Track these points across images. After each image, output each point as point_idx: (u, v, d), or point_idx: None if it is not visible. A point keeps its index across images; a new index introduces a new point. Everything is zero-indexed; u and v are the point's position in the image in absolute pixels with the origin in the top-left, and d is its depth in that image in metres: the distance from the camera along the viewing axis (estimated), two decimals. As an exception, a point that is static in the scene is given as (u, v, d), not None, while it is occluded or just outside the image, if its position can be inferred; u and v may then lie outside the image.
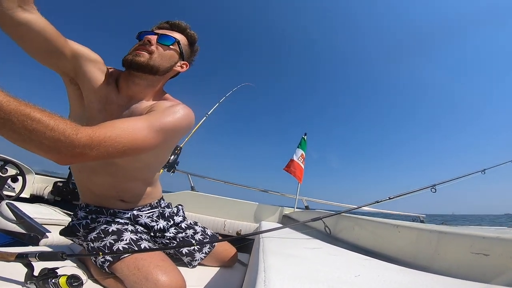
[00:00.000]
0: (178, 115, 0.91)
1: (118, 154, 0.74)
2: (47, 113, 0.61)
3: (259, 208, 2.72)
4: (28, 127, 0.58)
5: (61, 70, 0.90)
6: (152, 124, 0.83)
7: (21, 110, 0.57)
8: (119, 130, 0.73)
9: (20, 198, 2.57)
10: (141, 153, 0.85)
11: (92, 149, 0.67)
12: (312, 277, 0.38)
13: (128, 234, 0.96)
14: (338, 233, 1.14)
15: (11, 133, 0.58)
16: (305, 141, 3.61)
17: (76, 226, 1.00)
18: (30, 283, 0.70)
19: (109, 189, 1.04)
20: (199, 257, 1.20)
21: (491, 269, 0.45)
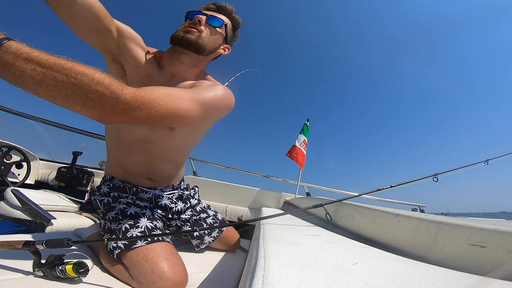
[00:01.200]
0: (219, 94, 0.92)
1: (158, 119, 0.74)
2: (91, 67, 0.61)
3: (260, 194, 2.74)
4: (72, 81, 0.56)
5: (106, 48, 0.91)
6: (195, 96, 0.83)
7: (63, 63, 0.56)
8: (163, 95, 0.74)
9: (25, 185, 2.60)
10: (180, 124, 0.86)
11: (135, 109, 0.67)
12: (311, 264, 0.39)
13: (144, 221, 0.96)
14: (339, 220, 1.15)
15: (53, 89, 0.55)
16: (307, 127, 3.60)
17: (98, 202, 1.03)
18: (38, 271, 0.72)
19: (141, 167, 1.07)
20: (208, 240, 1.26)
21: (487, 262, 0.46)
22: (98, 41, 0.88)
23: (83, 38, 0.86)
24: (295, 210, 1.30)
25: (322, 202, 1.08)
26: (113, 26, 0.87)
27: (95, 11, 0.79)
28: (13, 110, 2.69)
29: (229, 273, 1.14)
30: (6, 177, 2.39)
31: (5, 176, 2.40)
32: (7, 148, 2.44)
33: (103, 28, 0.85)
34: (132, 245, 0.87)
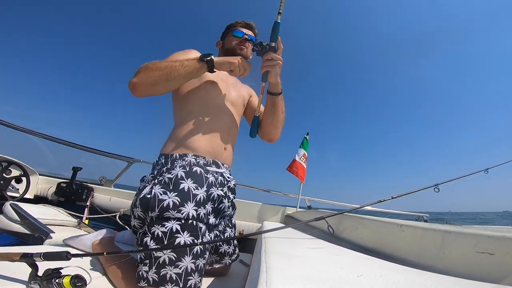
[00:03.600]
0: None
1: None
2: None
3: (261, 208, 2.71)
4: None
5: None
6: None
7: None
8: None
9: (24, 199, 2.58)
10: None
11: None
12: (314, 277, 0.38)
13: (188, 261, 0.88)
14: (341, 232, 1.14)
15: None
16: (307, 141, 3.61)
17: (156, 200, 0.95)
18: (34, 283, 0.71)
19: (225, 129, 1.18)
20: (226, 261, 1.18)
21: (496, 269, 0.45)
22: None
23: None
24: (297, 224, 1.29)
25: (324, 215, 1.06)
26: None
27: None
28: (14, 125, 2.71)
29: (230, 288, 1.12)
30: (5, 192, 2.39)
31: (5, 190, 2.39)
32: (7, 163, 2.44)
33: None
34: (161, 284, 0.83)
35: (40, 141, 3.06)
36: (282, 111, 1.27)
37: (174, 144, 1.11)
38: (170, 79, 1.01)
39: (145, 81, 1.02)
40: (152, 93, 1.06)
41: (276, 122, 1.28)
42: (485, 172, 1.59)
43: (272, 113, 1.26)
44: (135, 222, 0.99)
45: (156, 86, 1.04)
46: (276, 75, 1.12)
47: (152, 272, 0.84)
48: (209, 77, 1.20)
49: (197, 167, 1.04)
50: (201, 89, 1.18)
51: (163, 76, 1.01)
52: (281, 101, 1.24)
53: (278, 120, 1.28)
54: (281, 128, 1.33)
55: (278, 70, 1.11)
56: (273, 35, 1.04)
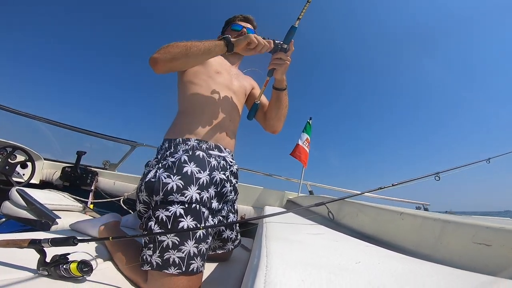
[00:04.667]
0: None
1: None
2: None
3: (263, 193, 2.73)
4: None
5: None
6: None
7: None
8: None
9: (30, 184, 2.62)
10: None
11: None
12: (314, 263, 0.38)
13: (191, 245, 0.89)
14: (342, 218, 1.15)
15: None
16: (310, 125, 3.59)
17: (161, 185, 0.96)
18: (42, 270, 0.73)
19: (227, 116, 1.22)
20: (229, 247, 1.21)
21: (492, 260, 0.45)
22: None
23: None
24: (297, 209, 1.30)
25: (324, 200, 1.07)
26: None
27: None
28: (18, 110, 2.71)
29: (231, 272, 1.14)
30: (11, 177, 2.42)
31: (10, 176, 2.42)
32: (12, 148, 2.46)
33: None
34: (165, 268, 0.84)
35: (44, 126, 3.06)
36: (286, 105, 1.35)
37: (177, 129, 1.15)
38: (189, 54, 1.07)
39: (165, 56, 1.08)
40: (171, 67, 1.12)
41: (280, 115, 1.36)
42: (487, 162, 1.57)
43: (277, 107, 1.33)
44: (140, 207, 1.01)
45: (175, 61, 1.09)
46: (282, 73, 1.19)
47: (155, 256, 0.86)
48: (213, 66, 1.27)
49: (200, 151, 1.07)
50: (205, 77, 1.23)
51: (183, 51, 1.07)
52: (285, 96, 1.32)
53: (282, 114, 1.36)
54: (283, 120, 1.41)
55: (285, 69, 1.17)
56: (287, 37, 1.09)
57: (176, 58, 1.07)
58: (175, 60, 1.08)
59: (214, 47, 1.08)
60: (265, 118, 1.42)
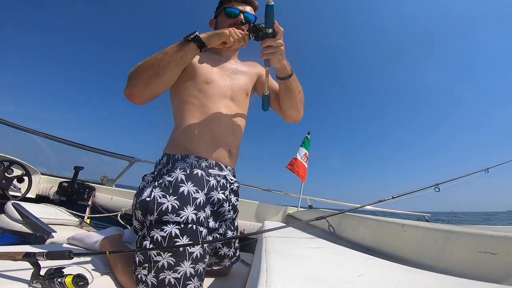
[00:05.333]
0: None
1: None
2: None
3: (263, 208, 2.71)
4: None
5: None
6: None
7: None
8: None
9: (26, 198, 2.59)
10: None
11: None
12: (314, 277, 0.38)
13: (186, 266, 0.86)
14: (342, 232, 1.13)
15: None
16: (308, 140, 3.60)
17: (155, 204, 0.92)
18: (36, 282, 0.71)
19: (228, 131, 1.12)
20: (225, 263, 1.16)
21: (498, 269, 0.44)
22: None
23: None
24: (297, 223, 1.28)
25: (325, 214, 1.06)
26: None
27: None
28: (16, 124, 2.72)
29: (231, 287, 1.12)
30: (7, 191, 2.39)
31: (7, 190, 2.39)
32: (9, 163, 2.45)
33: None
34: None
35: (42, 140, 3.06)
36: (298, 91, 1.18)
37: (177, 144, 1.09)
38: (161, 72, 0.96)
39: (137, 85, 0.98)
40: (150, 94, 1.02)
41: (296, 103, 1.20)
42: (485, 172, 1.58)
43: (289, 97, 1.17)
44: (135, 223, 0.99)
45: (151, 86, 0.98)
46: (279, 61, 1.02)
47: (151, 276, 0.83)
48: (202, 75, 1.12)
49: (199, 169, 1.01)
50: (195, 91, 1.11)
51: (153, 72, 0.96)
52: (294, 83, 1.14)
53: (297, 102, 1.19)
54: (302, 107, 1.24)
55: (280, 56, 1.00)
56: (267, 20, 0.91)
57: (149, 83, 0.97)
58: (149, 86, 0.97)
59: (184, 54, 0.96)
60: (280, 108, 1.25)
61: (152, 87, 0.99)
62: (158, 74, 0.96)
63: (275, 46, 0.96)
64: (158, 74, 0.96)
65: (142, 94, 1.00)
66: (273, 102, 1.27)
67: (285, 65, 1.06)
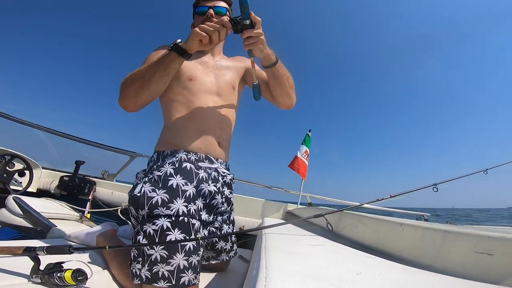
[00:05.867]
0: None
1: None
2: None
3: (262, 204, 2.72)
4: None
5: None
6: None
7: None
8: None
9: (27, 193, 2.60)
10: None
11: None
12: (314, 274, 0.38)
13: (179, 258, 0.86)
14: (341, 230, 1.14)
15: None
16: (309, 138, 3.60)
17: (145, 198, 0.93)
18: (35, 277, 0.72)
19: (216, 124, 1.14)
20: (223, 258, 1.17)
21: (495, 269, 0.45)
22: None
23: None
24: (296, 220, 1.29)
25: (323, 212, 1.07)
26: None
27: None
28: (18, 118, 2.72)
29: (230, 284, 1.12)
30: (8, 185, 2.40)
31: (8, 183, 2.40)
32: (10, 156, 2.45)
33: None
34: (154, 281, 0.83)
35: (43, 134, 3.07)
36: (286, 78, 1.19)
37: (165, 141, 1.11)
38: (146, 85, 1.00)
39: (128, 97, 1.03)
40: (141, 104, 1.05)
41: (286, 90, 1.21)
42: (484, 172, 1.59)
43: (278, 84, 1.19)
44: (132, 220, 1.01)
45: (140, 98, 1.02)
46: (261, 51, 1.03)
47: (144, 269, 0.85)
48: (185, 73, 1.14)
49: (188, 163, 1.03)
50: (179, 89, 1.14)
51: (139, 85, 1.00)
52: (281, 70, 1.15)
53: (287, 88, 1.21)
54: (293, 93, 1.26)
55: (261, 45, 1.01)
56: (243, 12, 0.92)
57: (137, 95, 1.01)
58: (138, 98, 1.02)
59: (167, 65, 0.98)
60: (272, 97, 1.28)
61: (141, 99, 1.03)
62: (144, 87, 1.00)
63: (255, 36, 0.98)
64: (144, 87, 1.00)
65: (133, 105, 1.04)
66: (264, 91, 1.29)
67: (268, 53, 1.07)
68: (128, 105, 1.04)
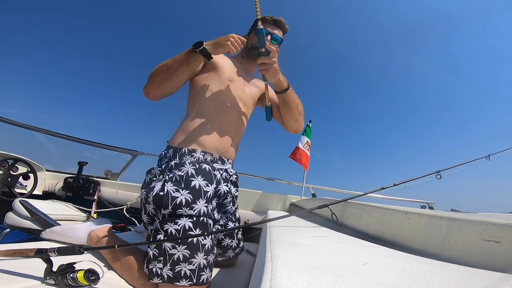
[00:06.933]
0: None
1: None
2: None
3: (266, 197, 2.73)
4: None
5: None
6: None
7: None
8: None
9: (33, 195, 2.62)
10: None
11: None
12: (319, 265, 0.38)
13: (200, 258, 0.90)
14: (345, 220, 1.14)
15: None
16: (310, 128, 3.59)
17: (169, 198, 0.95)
18: (49, 279, 0.73)
19: (233, 125, 1.21)
20: (229, 254, 1.20)
21: (502, 257, 0.45)
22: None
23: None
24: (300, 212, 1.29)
25: (327, 202, 1.07)
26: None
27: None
28: (18, 122, 2.72)
29: (237, 277, 1.14)
30: (13, 189, 2.42)
31: (13, 187, 2.42)
32: (13, 160, 2.46)
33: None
34: (176, 280, 0.86)
35: (44, 137, 3.07)
36: (296, 105, 1.29)
37: (183, 137, 1.12)
38: (169, 78, 1.09)
39: (151, 86, 1.12)
40: (162, 94, 1.14)
41: (295, 115, 1.31)
42: (486, 158, 1.58)
43: (287, 109, 1.29)
44: (144, 217, 1.01)
45: (162, 88, 1.11)
46: (273, 76, 1.14)
47: (166, 269, 0.86)
48: (226, 72, 1.22)
49: (205, 164, 1.06)
50: (218, 83, 1.20)
51: (164, 76, 1.09)
52: (291, 96, 1.25)
53: (296, 114, 1.30)
54: (301, 119, 1.35)
55: (273, 72, 1.12)
56: (259, 42, 1.06)
57: (160, 85, 1.10)
58: (160, 88, 1.11)
59: (191, 63, 1.08)
60: (282, 120, 1.38)
61: (163, 89, 1.12)
62: (167, 79, 1.09)
63: (268, 63, 1.09)
64: (167, 79, 1.09)
65: (155, 93, 1.13)
66: (275, 114, 1.40)
67: (281, 80, 1.17)
68: (149, 93, 1.13)
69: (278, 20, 1.31)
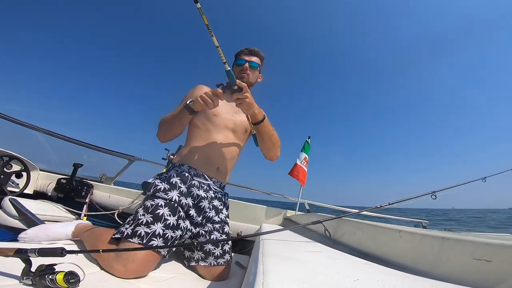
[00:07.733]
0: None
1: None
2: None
3: (261, 210, 2.70)
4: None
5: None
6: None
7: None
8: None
9: (24, 194, 2.58)
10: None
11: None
12: (311, 280, 0.37)
13: (159, 226, 1.09)
14: (340, 237, 1.13)
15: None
16: (308, 145, 3.60)
17: (152, 185, 1.24)
18: (26, 279, 0.70)
19: (220, 155, 1.40)
20: (210, 261, 1.25)
21: (493, 276, 0.44)
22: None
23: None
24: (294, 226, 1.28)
25: (321, 218, 1.06)
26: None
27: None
28: (17, 119, 2.71)
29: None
30: (5, 186, 2.38)
31: (4, 185, 2.38)
32: (8, 158, 2.44)
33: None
34: (130, 237, 1.03)
35: (42, 136, 3.05)
36: (269, 136, 1.40)
37: (179, 157, 1.43)
38: (168, 128, 1.37)
39: (160, 134, 1.41)
40: (168, 139, 1.43)
41: (268, 145, 1.44)
42: (482, 180, 1.60)
43: (260, 139, 1.42)
44: None
45: (166, 136, 1.41)
46: (247, 109, 1.24)
47: (129, 228, 1.07)
48: (210, 112, 1.40)
49: (187, 173, 1.32)
50: (204, 120, 1.42)
51: (166, 128, 1.38)
52: (266, 128, 1.36)
53: (269, 144, 1.43)
54: (275, 149, 1.48)
55: (246, 105, 1.21)
56: (230, 81, 1.16)
57: (165, 134, 1.40)
58: (166, 135, 1.41)
59: (182, 117, 1.31)
60: (260, 148, 1.51)
61: (167, 137, 1.42)
62: (168, 130, 1.38)
63: (241, 98, 1.19)
64: (169, 130, 1.38)
65: (163, 139, 1.43)
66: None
67: (255, 112, 1.27)
68: (159, 139, 1.43)
69: (252, 49, 1.53)
